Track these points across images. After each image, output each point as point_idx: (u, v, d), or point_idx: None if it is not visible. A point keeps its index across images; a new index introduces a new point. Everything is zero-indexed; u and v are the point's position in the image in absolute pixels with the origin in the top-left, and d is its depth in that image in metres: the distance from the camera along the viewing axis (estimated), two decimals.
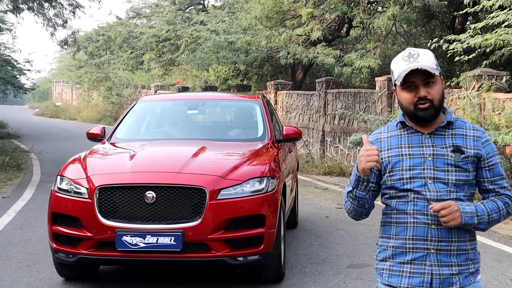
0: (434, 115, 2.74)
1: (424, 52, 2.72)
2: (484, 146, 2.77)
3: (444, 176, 2.72)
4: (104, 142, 6.93)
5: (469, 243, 2.78)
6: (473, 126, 2.83)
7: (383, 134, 2.89)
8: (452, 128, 2.79)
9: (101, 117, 33.57)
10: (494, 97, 10.19)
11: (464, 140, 2.76)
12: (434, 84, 2.72)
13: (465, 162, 2.74)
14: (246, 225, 5.51)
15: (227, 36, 17.50)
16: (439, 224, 2.69)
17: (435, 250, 2.72)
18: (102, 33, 27.28)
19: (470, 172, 2.75)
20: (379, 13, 15.32)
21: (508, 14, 9.05)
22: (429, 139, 2.76)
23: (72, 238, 5.56)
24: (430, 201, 2.69)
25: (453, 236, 2.73)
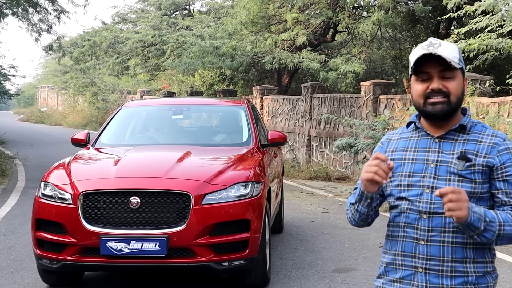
0: (446, 113, 2.41)
1: (448, 44, 2.42)
2: (501, 155, 2.40)
3: (445, 186, 2.37)
4: (89, 148, 6.91)
5: (471, 265, 2.40)
6: (495, 132, 2.47)
7: (395, 135, 2.63)
8: (468, 133, 2.45)
9: (86, 123, 33.42)
10: (478, 102, 10.27)
11: (476, 146, 2.42)
12: (452, 79, 2.40)
13: (471, 171, 2.39)
14: (231, 230, 5.50)
15: (213, 41, 17.52)
16: (429, 240, 2.39)
17: (423, 269, 2.41)
18: (87, 38, 27.22)
19: (477, 184, 2.39)
20: (364, 18, 15.40)
21: (491, 19, 9.14)
22: (437, 144, 2.45)
23: (56, 244, 5.53)
24: (422, 214, 2.40)
25: (446, 254, 2.39)
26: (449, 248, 2.38)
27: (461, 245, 2.38)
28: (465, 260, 2.39)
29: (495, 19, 9.08)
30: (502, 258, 7.05)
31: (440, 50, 2.36)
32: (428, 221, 2.40)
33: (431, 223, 2.39)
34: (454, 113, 2.43)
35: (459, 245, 2.38)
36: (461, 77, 2.44)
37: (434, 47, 2.38)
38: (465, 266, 2.39)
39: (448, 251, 2.38)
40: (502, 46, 9.04)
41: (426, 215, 2.40)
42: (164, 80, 30.06)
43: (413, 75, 2.46)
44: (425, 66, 2.40)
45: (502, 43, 8.99)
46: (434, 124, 2.47)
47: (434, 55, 2.35)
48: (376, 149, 2.66)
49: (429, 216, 2.40)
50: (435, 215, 2.39)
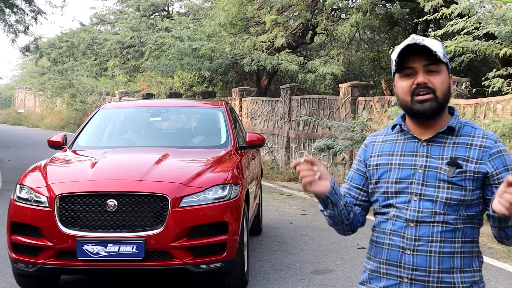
0: (435, 110, 2.29)
1: (431, 39, 2.31)
2: (492, 159, 2.29)
3: (433, 193, 2.29)
4: (66, 150, 6.85)
5: (458, 275, 2.30)
6: (485, 133, 2.34)
7: (379, 137, 2.50)
8: (457, 135, 2.34)
9: (64, 124, 33.19)
10: (455, 103, 10.35)
11: (467, 151, 2.30)
12: (437, 73, 2.29)
13: (462, 178, 2.28)
14: (209, 233, 5.49)
15: (191, 43, 17.48)
16: (415, 249, 2.29)
17: (408, 279, 2.31)
18: (65, 39, 26.99)
19: (468, 191, 2.28)
20: (342, 20, 15.46)
21: (467, 22, 9.21)
22: (424, 148, 2.34)
23: (32, 248, 5.47)
24: (408, 222, 2.30)
25: (433, 265, 2.29)
26: (436, 258, 2.28)
27: (449, 255, 2.30)
28: (452, 270, 2.29)
29: (471, 21, 9.16)
30: (490, 263, 7.09)
31: (424, 43, 2.27)
32: (415, 230, 2.30)
33: (418, 232, 2.30)
34: (442, 110, 2.32)
35: (447, 255, 2.29)
36: (446, 73, 2.33)
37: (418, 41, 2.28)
38: (452, 276, 2.29)
39: (435, 261, 2.29)
40: (478, 48, 9.12)
41: (413, 223, 2.30)
42: (143, 82, 29.93)
43: (396, 73, 2.36)
44: (409, 61, 2.30)
45: (478, 45, 9.07)
46: (421, 125, 2.36)
47: (419, 45, 2.26)
48: (360, 152, 2.56)
49: (416, 225, 2.30)
50: (422, 224, 2.29)
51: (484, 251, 7.52)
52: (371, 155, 2.47)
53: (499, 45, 9.27)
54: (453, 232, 2.29)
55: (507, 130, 7.83)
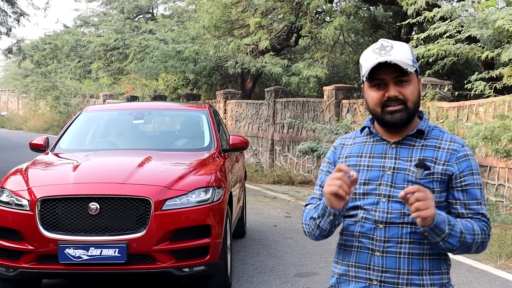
0: (406, 121, 2.31)
1: (399, 45, 2.31)
2: (459, 162, 2.31)
3: None
4: (48, 153, 6.81)
5: (427, 277, 2.31)
6: (453, 137, 2.37)
7: (348, 140, 2.49)
8: (426, 138, 2.35)
9: (48, 127, 32.98)
10: (438, 106, 10.41)
11: (435, 153, 2.32)
12: (408, 84, 2.29)
13: (429, 180, 2.29)
14: (192, 236, 5.47)
15: (175, 46, 17.44)
16: (384, 251, 2.29)
17: (377, 281, 2.30)
18: (48, 41, 26.81)
19: (435, 193, 2.29)
20: (326, 23, 15.49)
21: (449, 25, 9.27)
22: (393, 150, 2.34)
23: (13, 252, 5.42)
24: (378, 224, 2.30)
25: (402, 266, 2.29)
26: (405, 260, 2.29)
27: (418, 256, 2.29)
28: (421, 272, 2.29)
29: (453, 25, 9.22)
30: (472, 266, 7.13)
31: (394, 54, 2.26)
32: (384, 231, 2.30)
33: (387, 234, 2.29)
34: (413, 118, 2.34)
35: (416, 256, 2.29)
36: (416, 79, 2.33)
37: (387, 51, 2.27)
38: (421, 278, 2.29)
39: (404, 262, 2.29)
40: (461, 52, 9.19)
41: (382, 225, 2.29)
42: (127, 84, 29.81)
43: (366, 81, 2.35)
44: (379, 72, 2.29)
45: (460, 48, 9.14)
46: (390, 129, 2.36)
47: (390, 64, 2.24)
48: (329, 154, 2.54)
49: (385, 226, 2.29)
50: (391, 225, 2.29)
51: None
52: (339, 157, 2.46)
53: (481, 48, 9.35)
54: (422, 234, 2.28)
55: (489, 133, 7.88)
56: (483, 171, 9.62)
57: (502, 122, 8.05)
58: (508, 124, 7.86)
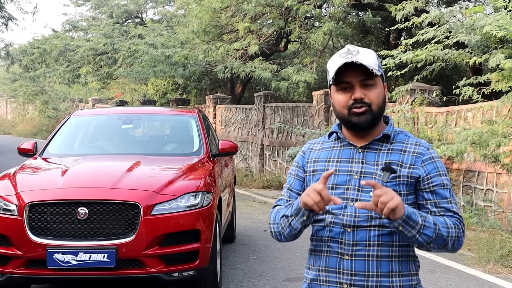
0: (371, 123, 2.35)
1: (365, 50, 2.36)
2: (425, 165, 2.35)
3: (369, 198, 2.28)
4: (36, 158, 6.78)
5: (396, 279, 2.34)
6: (418, 141, 2.42)
7: (316, 145, 2.53)
8: (392, 142, 2.40)
9: (37, 132, 32.84)
10: (427, 111, 10.46)
11: (401, 157, 2.36)
12: (373, 87, 2.34)
13: (396, 183, 2.33)
14: (181, 241, 5.46)
15: (165, 50, 17.42)
16: (353, 254, 2.32)
17: (347, 285, 2.33)
18: (37, 45, 26.74)
19: (402, 196, 2.32)
20: (315, 28, 15.53)
21: (437, 30, 9.32)
22: (360, 154, 2.38)
23: (1, 257, 5.39)
24: (346, 228, 2.32)
25: (371, 269, 2.32)
26: (374, 262, 2.31)
27: (386, 258, 2.32)
28: (390, 274, 2.32)
29: (441, 30, 9.27)
30: (461, 270, 7.15)
31: (360, 58, 2.30)
32: (353, 235, 2.32)
33: (355, 237, 2.32)
34: (377, 121, 2.38)
35: (384, 258, 2.32)
36: (381, 84, 2.38)
37: (353, 55, 2.32)
38: (391, 280, 2.32)
39: (373, 265, 2.31)
40: (449, 57, 9.23)
41: (351, 228, 2.32)
42: (117, 89, 29.76)
43: (332, 85, 2.40)
44: (345, 75, 2.33)
45: (448, 54, 9.18)
46: (357, 134, 2.40)
47: (356, 63, 2.29)
48: (297, 158, 2.56)
49: (353, 230, 2.32)
50: (359, 228, 2.31)
51: (455, 257, 7.60)
52: (307, 161, 2.50)
53: (469, 53, 9.39)
54: (390, 236, 2.32)
55: (477, 138, 7.92)
56: (471, 176, 9.67)
57: (490, 127, 8.09)
58: (496, 129, 7.91)
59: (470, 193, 9.71)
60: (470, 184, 9.70)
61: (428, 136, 10.04)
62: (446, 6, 14.98)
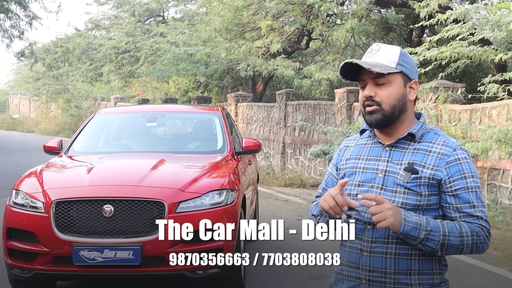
0: (381, 122, 2.36)
1: (387, 48, 2.38)
2: (449, 167, 2.31)
3: (391, 197, 2.32)
4: (61, 155, 6.83)
5: (415, 277, 2.34)
6: (446, 140, 2.37)
7: (351, 142, 2.57)
8: (419, 141, 2.38)
9: (59, 130, 33.12)
10: (451, 109, 10.38)
11: (425, 157, 2.34)
12: (385, 86, 2.34)
13: (416, 184, 2.32)
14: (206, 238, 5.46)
15: (187, 48, 17.49)
16: (372, 251, 2.35)
17: (366, 280, 2.37)
18: (60, 44, 26.96)
19: (423, 196, 2.32)
20: (338, 25, 15.49)
21: (462, 27, 9.25)
22: (387, 153, 2.39)
23: (28, 254, 5.45)
24: (366, 225, 2.36)
25: (388, 266, 2.33)
26: (391, 260, 2.33)
27: (405, 257, 2.33)
28: (409, 272, 2.33)
29: (466, 27, 9.19)
30: (486, 269, 7.09)
31: (376, 56, 2.35)
32: (372, 232, 2.36)
33: (374, 234, 2.35)
34: (390, 121, 2.37)
35: (403, 256, 2.33)
36: (399, 82, 2.36)
37: (372, 53, 2.37)
38: (409, 278, 2.33)
39: (390, 262, 2.33)
40: (474, 54, 9.16)
41: (371, 225, 2.35)
42: (138, 87, 29.92)
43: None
44: (362, 73, 2.37)
45: (473, 51, 9.11)
46: (383, 132, 2.42)
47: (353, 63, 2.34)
48: (334, 156, 2.63)
49: (373, 227, 2.34)
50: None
51: (480, 256, 7.53)
52: (341, 159, 2.55)
53: (494, 50, 9.31)
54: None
55: (503, 136, 7.85)
56: (496, 174, 9.57)
57: None
58: None
59: (495, 191, 9.62)
60: (495, 182, 9.61)
61: (452, 134, 9.97)
62: (470, 2, 14.84)
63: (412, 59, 2.43)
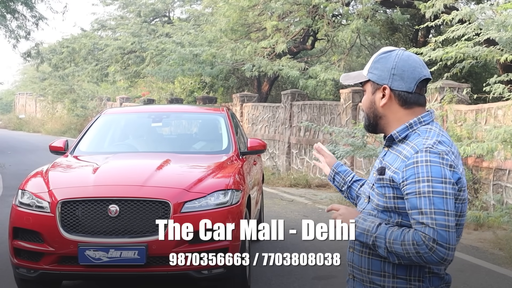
0: (368, 127, 2.45)
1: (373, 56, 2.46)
2: (406, 170, 2.24)
3: (373, 197, 2.38)
4: (67, 155, 6.86)
5: (389, 279, 2.31)
6: (417, 142, 2.29)
7: None
8: (403, 142, 2.36)
9: (65, 130, 33.20)
10: (456, 109, 10.37)
11: (394, 159, 2.33)
12: (365, 93, 2.45)
13: (380, 185, 2.32)
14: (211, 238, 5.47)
15: (192, 49, 17.51)
16: (354, 248, 2.41)
17: (352, 276, 2.44)
18: (66, 45, 27.03)
19: (387, 198, 2.30)
20: (343, 26, 15.48)
21: (468, 28, 9.24)
22: (384, 152, 2.44)
23: (34, 253, 5.47)
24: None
25: (363, 264, 2.37)
26: (366, 259, 2.35)
27: (378, 258, 2.32)
28: (382, 274, 2.32)
29: (471, 27, 9.18)
30: (492, 270, 7.08)
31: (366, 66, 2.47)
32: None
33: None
34: (372, 127, 2.43)
35: (376, 257, 2.32)
36: (369, 90, 2.40)
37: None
38: (382, 280, 2.31)
39: (365, 261, 2.36)
40: (479, 55, 9.14)
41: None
42: (144, 87, 29.96)
43: None
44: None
45: (478, 51, 9.09)
46: None
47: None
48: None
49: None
50: None
51: (486, 256, 7.52)
52: None
53: (500, 51, 9.29)
54: None
55: (508, 136, 7.83)
56: (502, 174, 9.56)
57: None
58: None
59: (500, 191, 9.60)
60: (500, 182, 9.59)
61: (458, 134, 9.96)
62: (476, 3, 14.82)
63: (391, 63, 2.35)
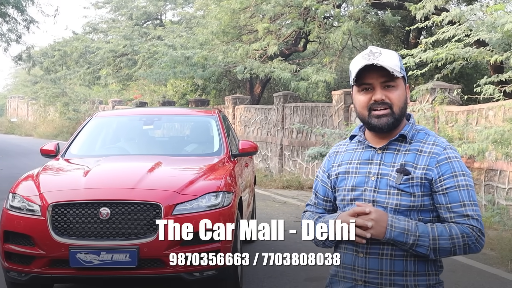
0: (391, 125, 2.36)
1: (388, 52, 2.36)
2: (439, 165, 2.31)
3: (384, 199, 2.34)
4: (58, 159, 6.84)
5: (411, 278, 2.34)
6: (436, 140, 2.38)
7: (341, 147, 2.57)
8: (410, 142, 2.38)
9: (57, 133, 33.12)
10: (447, 110, 10.40)
11: (416, 158, 2.34)
12: (394, 89, 2.34)
13: (409, 185, 2.32)
14: (202, 240, 5.47)
15: (184, 51, 17.52)
16: (368, 252, 2.35)
17: (362, 281, 2.37)
18: (58, 48, 26.99)
19: (416, 197, 2.32)
20: (335, 28, 15.51)
21: (458, 29, 9.27)
22: (379, 155, 2.39)
23: (25, 257, 5.46)
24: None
25: (384, 267, 2.34)
26: (387, 261, 2.33)
27: (401, 258, 2.33)
28: (404, 273, 2.33)
29: (461, 29, 9.22)
30: (483, 270, 7.10)
31: (381, 59, 2.31)
32: None
33: None
34: (398, 124, 2.37)
35: (398, 257, 2.33)
36: (403, 86, 2.38)
37: (375, 56, 2.33)
38: (405, 279, 2.33)
39: (386, 263, 2.33)
40: (470, 56, 9.18)
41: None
42: (136, 90, 29.94)
43: (354, 86, 2.41)
44: (367, 76, 2.35)
45: (469, 52, 9.13)
46: (378, 135, 2.42)
47: (376, 65, 2.30)
48: (324, 162, 2.61)
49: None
50: None
51: (477, 257, 7.54)
52: (332, 165, 2.54)
53: (490, 52, 9.33)
54: None
55: (499, 137, 7.87)
56: (493, 175, 9.60)
57: (511, 125, 8.03)
58: None
59: (492, 192, 9.63)
60: (492, 183, 9.63)
61: (449, 135, 9.99)
62: (467, 4, 14.88)
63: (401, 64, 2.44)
